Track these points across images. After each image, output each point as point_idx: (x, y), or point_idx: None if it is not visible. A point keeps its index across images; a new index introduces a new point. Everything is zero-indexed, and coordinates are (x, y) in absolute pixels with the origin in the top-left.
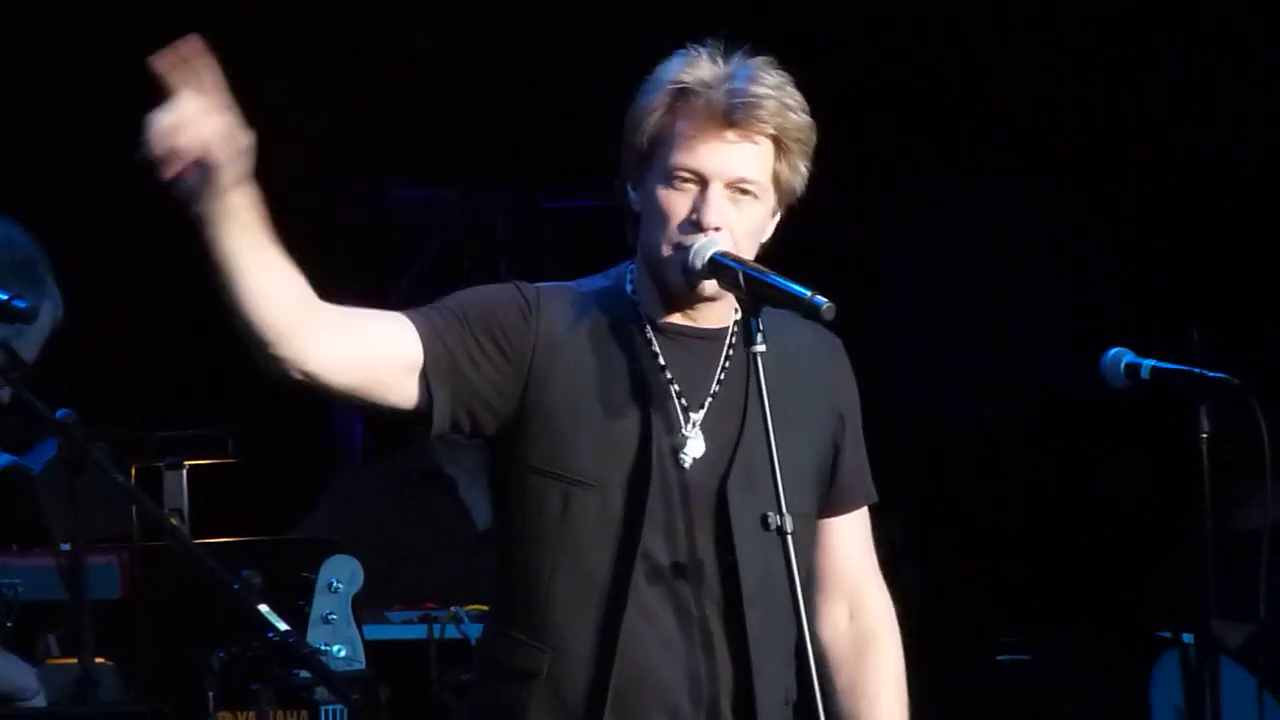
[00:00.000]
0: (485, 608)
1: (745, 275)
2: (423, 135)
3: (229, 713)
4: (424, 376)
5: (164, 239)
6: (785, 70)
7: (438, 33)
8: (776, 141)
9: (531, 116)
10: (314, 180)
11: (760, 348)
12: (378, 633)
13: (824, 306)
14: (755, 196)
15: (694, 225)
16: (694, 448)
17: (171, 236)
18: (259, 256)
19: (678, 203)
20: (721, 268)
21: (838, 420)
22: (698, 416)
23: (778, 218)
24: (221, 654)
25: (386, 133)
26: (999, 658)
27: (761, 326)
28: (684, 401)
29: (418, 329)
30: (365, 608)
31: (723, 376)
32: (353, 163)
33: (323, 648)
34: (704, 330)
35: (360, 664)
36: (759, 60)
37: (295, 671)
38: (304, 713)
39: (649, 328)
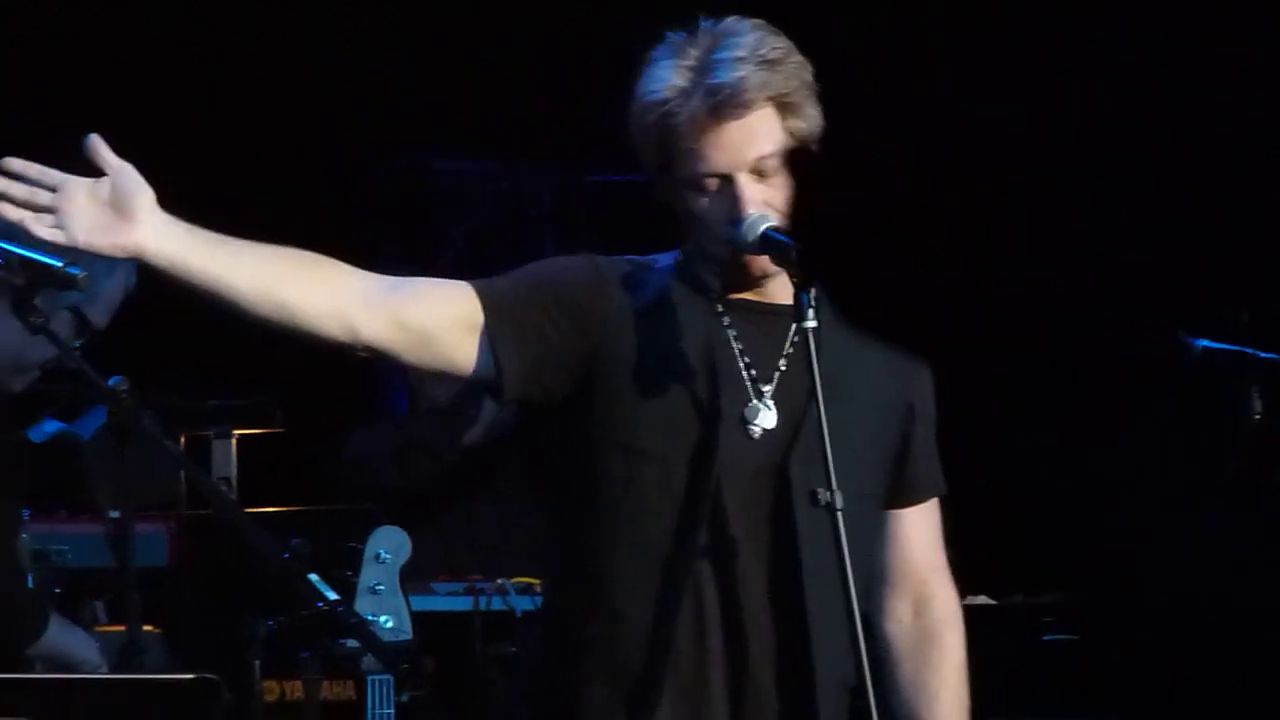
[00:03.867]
0: (531, 580)
1: (797, 251)
2: (467, 107)
3: (275, 682)
4: (488, 341)
5: (214, 206)
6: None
7: (485, 5)
8: (776, 103)
9: (576, 89)
10: (357, 151)
11: (811, 323)
12: (423, 604)
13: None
14: (780, 163)
15: (734, 222)
16: (765, 419)
17: (222, 203)
18: (245, 266)
19: (711, 205)
20: (773, 243)
21: (908, 410)
22: (768, 389)
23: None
24: (270, 623)
25: (430, 104)
26: (1044, 638)
27: (814, 302)
28: (753, 373)
29: (478, 292)
30: (411, 579)
31: (790, 351)
32: (396, 134)
33: (370, 618)
34: (774, 305)
35: (407, 635)
36: (728, 25)
37: (342, 641)
38: (350, 682)
39: (718, 304)
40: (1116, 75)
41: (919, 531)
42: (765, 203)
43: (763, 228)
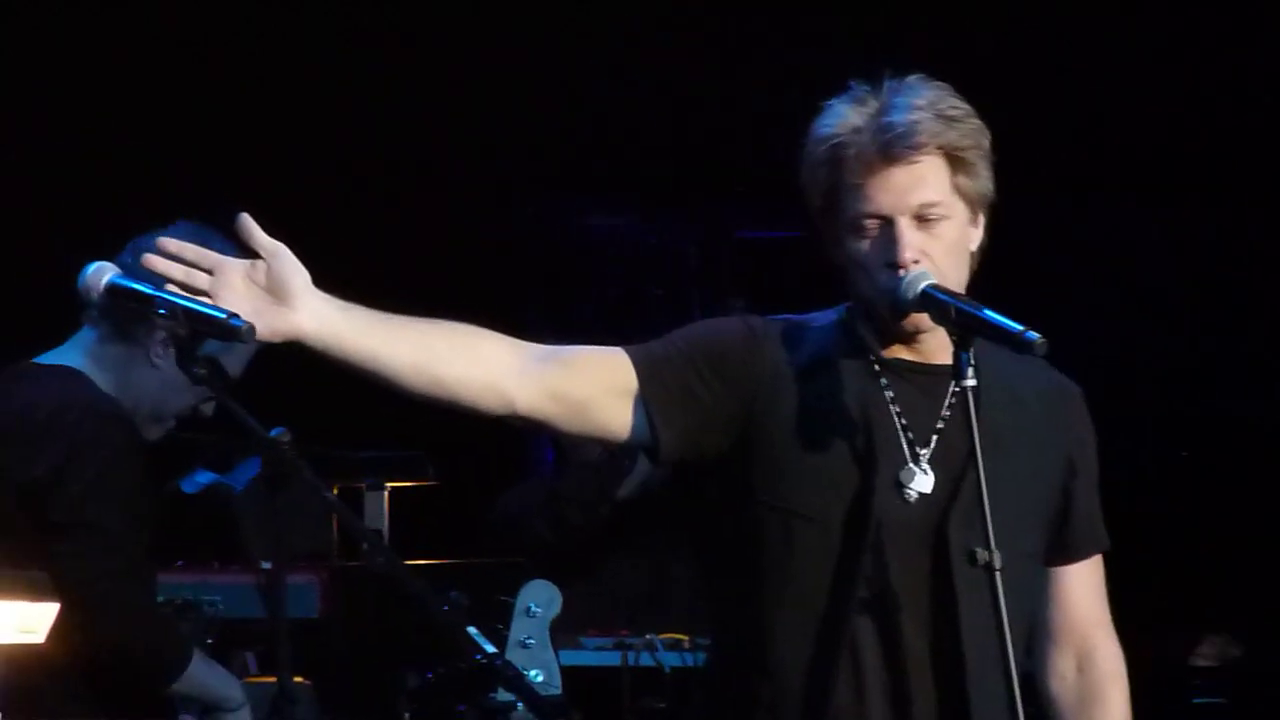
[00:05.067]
0: (680, 636)
1: (956, 309)
2: (616, 163)
3: None
4: (643, 405)
5: (364, 257)
6: (947, 83)
7: (634, 60)
8: (945, 155)
9: (726, 145)
10: (507, 205)
11: (970, 382)
12: (571, 658)
13: (1036, 341)
14: (944, 215)
15: (892, 266)
16: (921, 483)
17: (375, 260)
18: (400, 343)
19: (870, 249)
20: (933, 301)
21: (1069, 466)
22: (925, 452)
23: (981, 225)
24: (430, 675)
25: (580, 159)
26: (1194, 700)
27: (973, 361)
28: (910, 436)
29: (631, 358)
30: (559, 633)
31: (948, 412)
32: (545, 189)
33: (520, 671)
34: (931, 366)
35: (556, 689)
36: (909, 82)
37: (492, 694)
38: None
39: (875, 363)
40: None
41: (1081, 587)
42: (923, 251)
43: (923, 285)
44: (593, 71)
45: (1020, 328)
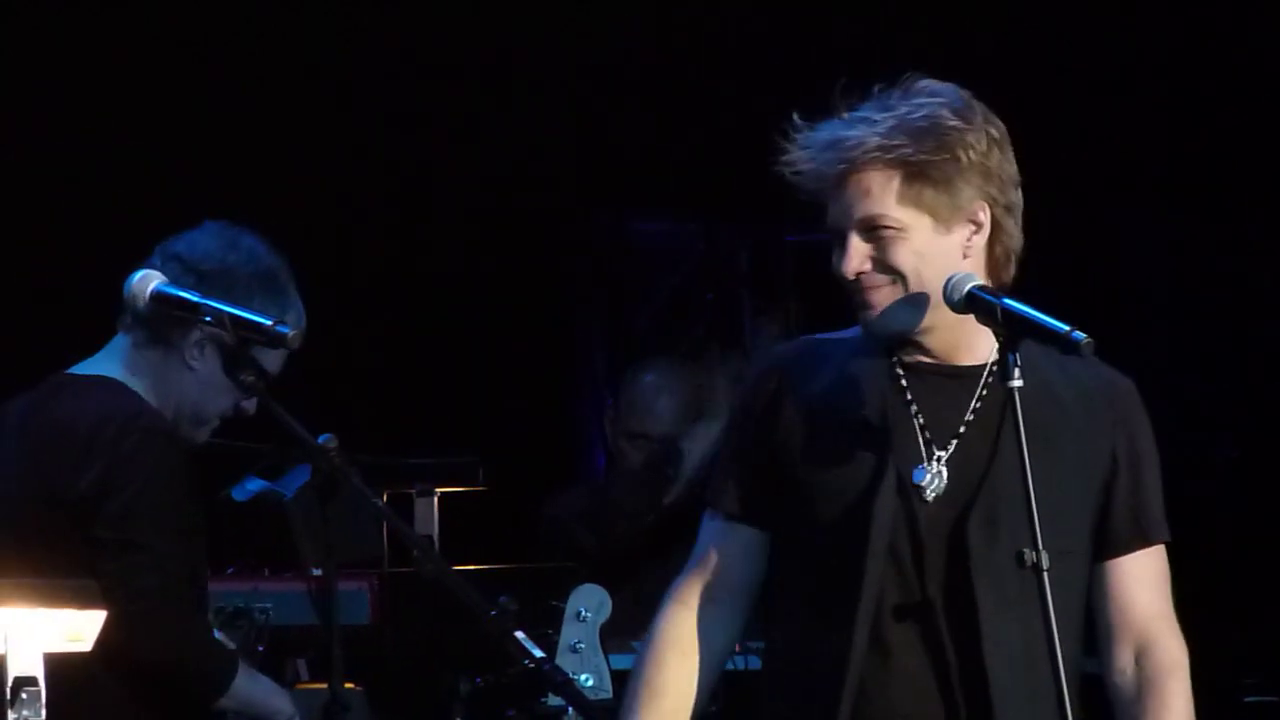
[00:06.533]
0: None
1: (1003, 310)
2: (663, 167)
3: None
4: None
5: (417, 268)
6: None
7: (682, 64)
8: (903, 168)
9: (773, 149)
10: (555, 211)
11: (1017, 383)
12: (622, 663)
13: (1082, 341)
14: (894, 229)
15: (840, 274)
16: (938, 484)
17: (426, 265)
18: None
19: (836, 258)
20: (979, 302)
21: (1111, 460)
22: (944, 453)
23: (974, 232)
24: (479, 680)
25: (627, 164)
26: (1246, 699)
27: (1019, 361)
28: (928, 436)
29: (710, 514)
30: (610, 637)
31: (974, 414)
32: (593, 194)
33: (570, 676)
34: (957, 368)
35: (607, 693)
36: (902, 89)
37: (543, 699)
38: None
39: (898, 367)
40: None
41: (1136, 580)
42: (882, 260)
43: (969, 286)
44: (641, 78)
45: (1067, 328)
